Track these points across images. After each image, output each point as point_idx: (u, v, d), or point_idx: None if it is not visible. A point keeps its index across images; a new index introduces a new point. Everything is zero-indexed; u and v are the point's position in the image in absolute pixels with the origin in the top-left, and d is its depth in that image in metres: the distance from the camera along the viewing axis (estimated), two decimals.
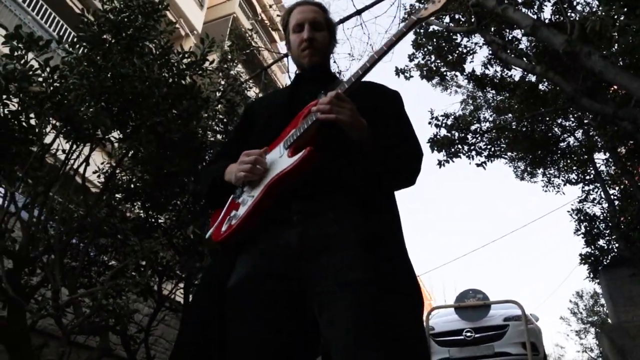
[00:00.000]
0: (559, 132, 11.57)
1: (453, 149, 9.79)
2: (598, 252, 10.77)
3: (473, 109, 11.86)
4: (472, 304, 6.52)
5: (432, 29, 9.81)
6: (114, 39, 3.42)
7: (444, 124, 9.92)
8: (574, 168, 12.34)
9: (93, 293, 3.39)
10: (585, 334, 29.15)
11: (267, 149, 1.38)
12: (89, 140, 3.45)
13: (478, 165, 10.16)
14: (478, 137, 10.34)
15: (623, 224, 9.66)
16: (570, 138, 11.93)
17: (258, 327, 1.22)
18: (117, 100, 3.37)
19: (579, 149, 11.74)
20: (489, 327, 6.60)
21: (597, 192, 11.87)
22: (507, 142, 10.98)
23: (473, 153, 10.11)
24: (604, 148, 11.00)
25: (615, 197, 11.19)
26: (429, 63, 10.52)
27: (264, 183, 1.32)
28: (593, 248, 10.84)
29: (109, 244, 4.32)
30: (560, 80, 7.41)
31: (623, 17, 4.62)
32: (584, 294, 29.08)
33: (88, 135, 3.34)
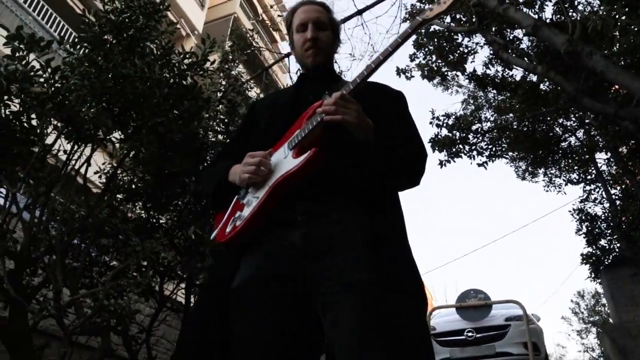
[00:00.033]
0: (560, 131, 11.56)
1: (454, 149, 9.78)
2: (599, 252, 10.77)
3: (474, 109, 11.85)
4: (473, 304, 6.51)
5: (433, 29, 9.79)
6: (115, 40, 3.42)
7: (445, 124, 9.91)
8: (575, 168, 12.34)
9: (94, 293, 3.39)
10: (587, 334, 29.18)
11: (271, 151, 1.37)
12: (90, 141, 3.45)
13: (479, 165, 10.16)
14: (479, 137, 10.34)
15: (624, 224, 9.65)
16: (572, 138, 11.95)
17: (262, 328, 1.22)
18: (118, 101, 3.37)
19: (580, 149, 11.73)
20: (491, 327, 6.60)
21: (598, 192, 11.88)
22: (508, 142, 10.97)
23: (474, 153, 10.10)
24: (605, 148, 10.99)
25: (617, 196, 11.19)
26: (430, 63, 10.52)
27: (269, 184, 1.31)
28: (594, 248, 10.84)
29: (111, 245, 4.31)
30: (562, 80, 7.40)
31: (624, 17, 4.61)
32: (586, 294, 29.11)
33: (89, 136, 3.34)
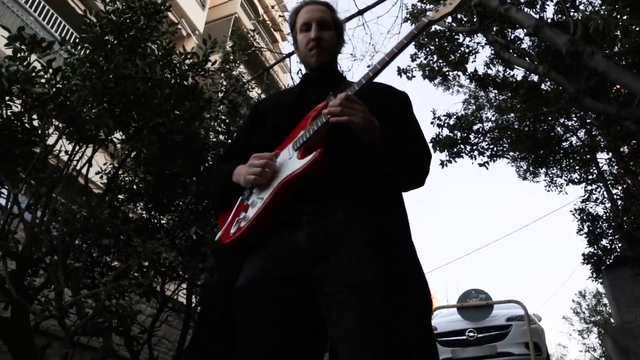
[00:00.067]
0: (562, 131, 11.55)
1: (455, 149, 9.76)
2: (601, 251, 10.74)
3: (475, 109, 11.84)
4: (474, 304, 6.51)
5: (434, 29, 9.76)
6: (117, 40, 3.41)
7: (446, 124, 9.89)
8: (577, 168, 12.34)
9: (96, 294, 3.40)
10: (588, 334, 29.12)
11: (277, 153, 1.37)
12: (92, 142, 3.45)
13: (480, 165, 10.13)
14: (480, 137, 10.31)
15: (626, 224, 9.63)
16: (573, 138, 11.94)
17: (267, 329, 1.23)
18: (119, 102, 3.36)
19: (582, 149, 11.72)
20: (492, 327, 6.59)
21: (599, 191, 11.86)
22: (509, 141, 10.96)
23: (475, 153, 10.08)
24: (607, 148, 10.97)
25: (618, 196, 11.18)
26: (431, 63, 10.51)
27: (274, 185, 1.31)
28: (596, 248, 10.81)
29: (112, 245, 4.31)
30: (563, 80, 7.39)
31: (626, 17, 4.60)
32: (587, 294, 29.05)
33: (90, 137, 3.33)
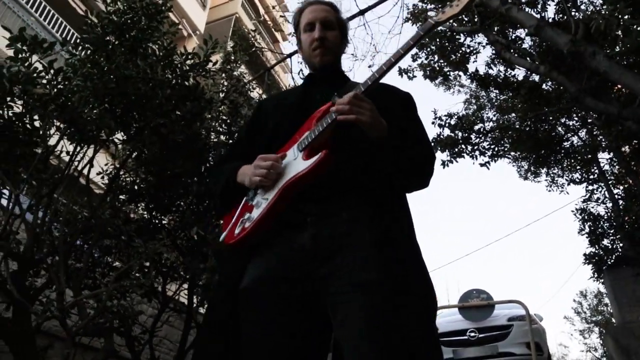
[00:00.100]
0: (563, 131, 11.54)
1: (457, 149, 9.75)
2: (602, 251, 10.73)
3: (476, 109, 11.83)
4: (475, 304, 6.51)
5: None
6: (118, 41, 3.41)
7: (448, 124, 9.87)
8: (578, 167, 12.32)
9: (97, 295, 3.40)
10: (589, 334, 29.12)
11: (284, 155, 1.37)
12: (93, 142, 3.44)
13: (482, 165, 10.12)
14: (481, 136, 10.30)
15: (627, 224, 9.61)
16: (574, 137, 11.92)
17: (272, 330, 1.23)
18: (120, 102, 3.36)
19: (583, 149, 11.70)
20: (493, 327, 6.58)
21: (601, 191, 11.84)
22: (510, 141, 10.95)
23: (477, 153, 10.06)
24: (608, 148, 10.96)
25: (620, 196, 11.16)
26: (432, 63, 10.51)
27: (279, 186, 1.31)
28: (597, 248, 10.80)
29: (113, 246, 4.31)
30: (564, 80, 7.37)
31: (627, 16, 4.59)
32: (588, 294, 29.04)
33: (92, 137, 3.33)
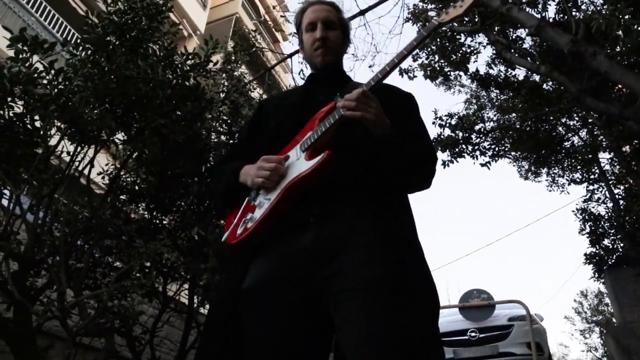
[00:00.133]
0: (563, 131, 11.53)
1: (457, 149, 9.74)
2: (603, 251, 10.71)
3: (477, 109, 11.83)
4: (476, 304, 6.51)
5: None
6: (118, 41, 3.41)
7: (448, 124, 9.87)
8: (579, 167, 12.30)
9: (98, 295, 3.39)
10: (590, 334, 29.08)
11: (287, 157, 1.37)
12: (94, 142, 3.45)
13: (482, 165, 10.11)
14: (482, 136, 10.29)
15: (628, 224, 9.59)
16: (575, 137, 11.90)
17: (274, 331, 1.23)
18: (121, 102, 3.36)
19: (584, 149, 11.69)
20: (494, 327, 6.58)
21: (601, 191, 11.83)
22: (511, 141, 10.94)
23: (477, 153, 10.06)
24: (609, 147, 10.95)
25: (620, 196, 11.14)
26: (433, 63, 10.49)
27: (281, 186, 1.31)
28: (598, 248, 10.78)
29: (114, 246, 4.32)
30: (565, 80, 7.37)
31: (628, 16, 4.59)
32: (589, 293, 29.02)
33: (92, 137, 3.33)
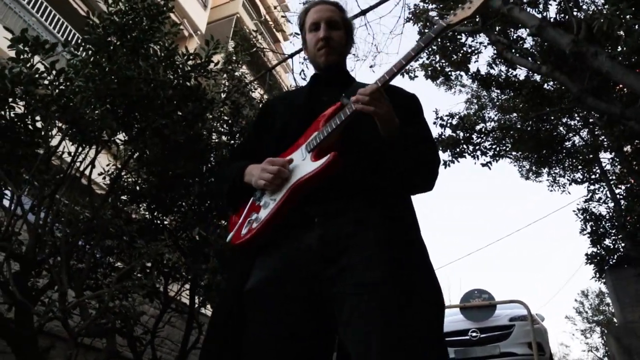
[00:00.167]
0: (564, 131, 11.51)
1: (458, 149, 9.73)
2: (604, 251, 10.69)
3: (478, 109, 11.82)
4: (477, 304, 6.50)
5: None
6: (119, 42, 3.41)
7: (449, 124, 9.87)
8: (580, 167, 12.27)
9: (100, 295, 3.40)
10: (591, 333, 29.06)
11: (291, 160, 1.37)
12: (95, 143, 3.45)
13: (483, 165, 10.11)
14: (483, 136, 10.28)
15: (629, 224, 9.57)
16: (576, 137, 11.88)
17: (278, 330, 1.23)
18: (122, 103, 3.36)
19: (585, 149, 11.67)
20: (495, 327, 6.57)
21: (602, 191, 11.80)
22: (512, 141, 10.92)
23: (478, 153, 10.05)
24: (610, 147, 10.93)
25: (621, 196, 11.11)
26: (434, 63, 10.48)
27: (287, 186, 1.31)
28: (599, 248, 10.76)
29: (115, 246, 4.32)
30: (566, 80, 7.35)
31: (630, 16, 4.58)
32: (590, 293, 29.00)
33: (94, 138, 3.33)
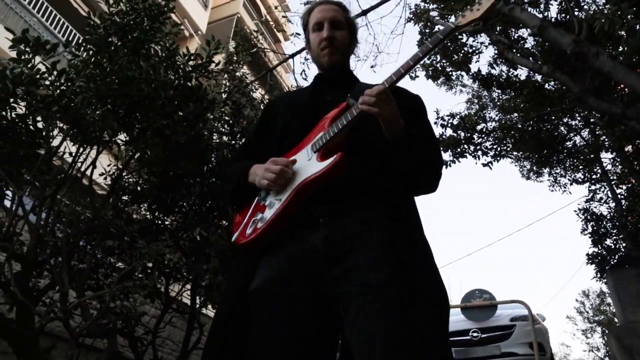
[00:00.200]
0: (565, 131, 11.50)
1: (459, 149, 9.72)
2: (605, 251, 10.67)
3: (478, 109, 11.81)
4: (478, 304, 6.50)
5: (437, 29, 9.75)
6: (120, 42, 3.42)
7: (450, 124, 9.86)
8: (581, 167, 12.26)
9: (101, 295, 3.40)
10: (592, 333, 29.04)
11: (294, 160, 1.37)
12: (96, 143, 3.45)
13: (484, 165, 10.10)
14: (484, 136, 10.28)
15: (630, 224, 9.57)
16: (577, 137, 11.87)
17: (283, 330, 1.23)
18: (123, 103, 3.37)
19: (586, 148, 11.66)
20: (496, 327, 6.57)
21: (603, 191, 11.79)
22: (513, 141, 10.92)
23: (479, 153, 10.04)
24: (611, 147, 10.92)
25: (622, 196, 11.10)
26: (435, 63, 10.49)
27: (292, 187, 1.31)
28: (600, 248, 10.75)
29: (116, 246, 4.32)
30: (567, 80, 7.35)
31: (631, 16, 4.57)
32: (591, 293, 28.97)
33: (95, 138, 3.33)
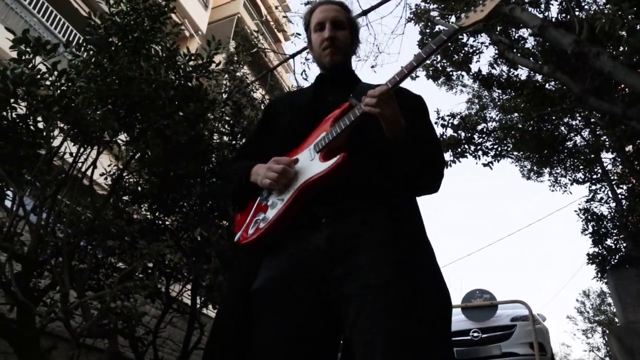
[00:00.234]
0: (566, 131, 11.50)
1: (459, 149, 9.73)
2: (606, 251, 10.67)
3: (479, 109, 11.81)
4: (479, 304, 6.50)
5: (438, 29, 9.75)
6: (121, 42, 3.42)
7: (450, 124, 9.86)
8: (581, 167, 12.26)
9: (101, 296, 3.40)
10: (592, 333, 29.01)
11: (296, 159, 1.36)
12: (97, 143, 3.45)
13: (485, 165, 10.11)
14: (484, 136, 10.28)
15: (631, 224, 9.57)
16: (577, 137, 11.87)
17: (285, 330, 1.23)
18: (124, 103, 3.37)
19: (586, 148, 11.66)
20: (496, 327, 6.57)
21: (604, 191, 11.78)
22: (513, 141, 10.92)
23: (479, 153, 10.04)
24: (611, 147, 10.91)
25: (623, 196, 11.09)
26: (435, 63, 10.47)
27: (295, 186, 1.31)
28: (600, 248, 10.74)
29: (117, 247, 4.32)
30: (568, 80, 7.34)
31: (632, 16, 4.57)
32: (591, 293, 28.95)
33: (95, 138, 3.34)
